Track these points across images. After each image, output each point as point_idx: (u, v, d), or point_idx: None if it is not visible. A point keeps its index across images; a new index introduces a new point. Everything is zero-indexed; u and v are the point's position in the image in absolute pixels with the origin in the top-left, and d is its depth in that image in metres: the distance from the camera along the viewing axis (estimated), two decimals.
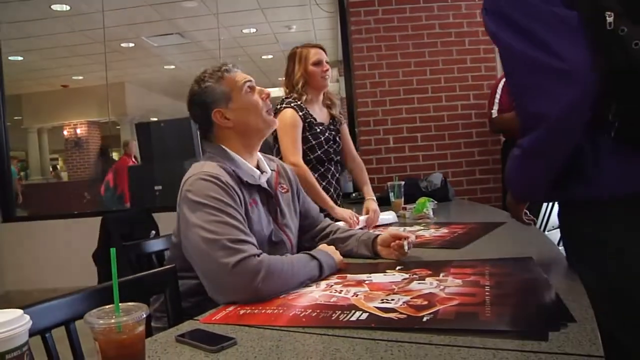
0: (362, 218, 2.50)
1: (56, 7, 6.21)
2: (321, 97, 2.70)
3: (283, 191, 1.73)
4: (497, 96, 3.56)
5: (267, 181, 1.66)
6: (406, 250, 1.64)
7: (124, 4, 6.22)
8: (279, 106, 2.55)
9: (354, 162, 2.85)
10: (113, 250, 0.86)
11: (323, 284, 1.40)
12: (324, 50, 2.68)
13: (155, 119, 9.78)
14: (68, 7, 6.27)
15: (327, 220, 1.95)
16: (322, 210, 2.44)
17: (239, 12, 6.71)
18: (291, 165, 2.36)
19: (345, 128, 2.83)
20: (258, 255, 1.32)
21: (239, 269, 1.28)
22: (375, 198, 2.69)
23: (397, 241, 1.66)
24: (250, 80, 1.63)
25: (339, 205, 2.61)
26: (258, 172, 1.62)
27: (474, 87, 4.14)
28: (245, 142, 1.62)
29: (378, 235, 1.73)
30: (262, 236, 1.54)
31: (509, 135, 3.69)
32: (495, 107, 3.56)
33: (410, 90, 4.13)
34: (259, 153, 1.71)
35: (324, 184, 2.61)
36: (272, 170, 1.71)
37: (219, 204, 1.39)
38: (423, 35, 4.14)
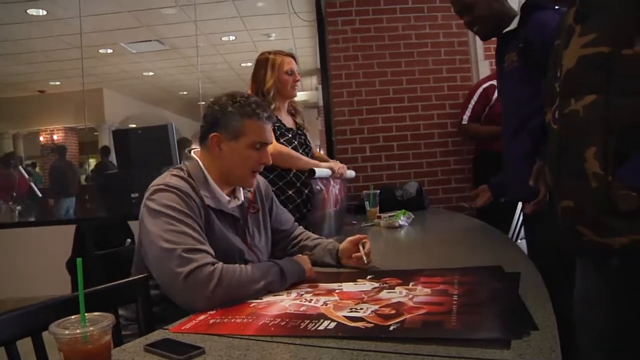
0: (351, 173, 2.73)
1: (32, 11, 6.13)
2: (286, 105, 2.71)
3: (253, 211, 1.74)
4: (472, 103, 3.61)
5: (241, 204, 1.68)
6: (365, 262, 1.67)
7: (102, 10, 6.17)
8: None
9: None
10: (79, 261, 0.86)
11: (294, 292, 1.41)
12: (295, 59, 2.69)
13: (134, 126, 9.73)
14: (44, 12, 6.20)
15: (300, 229, 1.96)
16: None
17: (218, 19, 6.70)
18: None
19: (308, 136, 2.86)
20: (213, 264, 1.35)
21: (191, 278, 1.31)
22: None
23: (355, 254, 1.69)
24: (265, 143, 1.62)
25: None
26: (227, 198, 1.63)
27: (450, 97, 4.17)
28: (221, 175, 1.62)
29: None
30: (230, 251, 1.57)
31: (479, 147, 3.78)
32: (468, 113, 3.63)
33: (386, 99, 4.15)
34: None
35: (306, 191, 2.60)
36: (249, 190, 1.73)
37: (177, 214, 1.42)
38: (399, 45, 4.17)
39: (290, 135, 2.61)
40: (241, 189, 1.70)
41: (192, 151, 1.66)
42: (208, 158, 1.61)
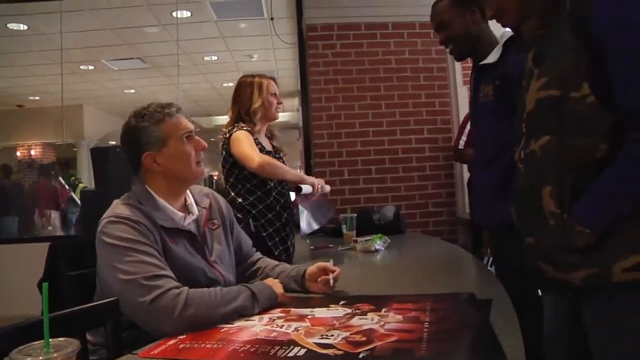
0: (327, 187, 2.72)
1: (12, 25, 6.10)
2: (265, 128, 2.71)
3: (213, 227, 1.73)
4: (467, 128, 3.60)
5: (197, 220, 1.67)
6: (332, 285, 1.67)
7: (84, 27, 6.15)
8: (228, 134, 2.52)
9: None
10: (45, 286, 0.85)
11: (266, 317, 1.40)
12: (277, 83, 2.71)
13: (114, 143, 9.65)
14: (25, 27, 6.17)
15: (258, 254, 1.96)
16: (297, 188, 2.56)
17: (201, 39, 6.72)
18: (255, 163, 2.38)
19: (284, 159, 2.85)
20: (177, 288, 1.35)
21: (155, 305, 1.31)
22: None
23: (323, 276, 1.69)
24: (190, 131, 1.64)
25: (292, 249, 2.64)
26: (180, 214, 1.63)
27: (428, 122, 4.23)
28: (171, 187, 1.63)
29: (306, 270, 1.75)
30: (191, 272, 1.55)
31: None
32: (464, 138, 3.61)
33: (365, 123, 4.19)
34: (191, 190, 1.73)
35: (284, 215, 2.60)
36: (203, 207, 1.72)
37: (131, 244, 1.42)
38: (379, 70, 4.22)
39: None
40: (194, 203, 1.70)
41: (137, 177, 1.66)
42: (152, 178, 1.61)
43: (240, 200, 2.52)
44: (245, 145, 2.46)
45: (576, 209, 1.14)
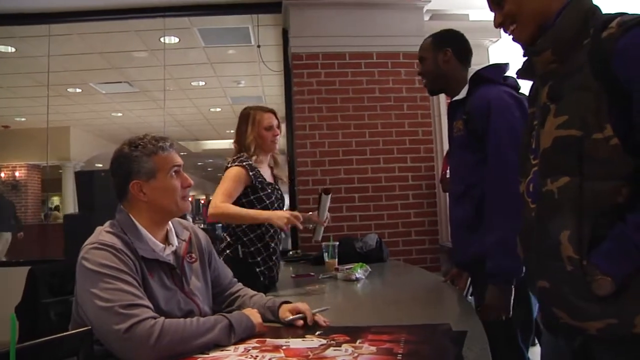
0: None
1: (0, 48, 6.12)
2: (268, 157, 2.78)
3: (191, 261, 1.75)
4: None
5: (176, 251, 1.69)
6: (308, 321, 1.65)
7: (72, 50, 6.17)
8: (229, 164, 2.59)
9: None
10: (13, 316, 0.85)
11: (241, 347, 1.40)
12: (276, 115, 2.77)
13: (101, 165, 9.63)
14: (13, 49, 6.19)
15: (239, 285, 1.96)
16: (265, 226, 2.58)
17: (188, 65, 6.77)
18: (211, 208, 2.47)
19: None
20: (154, 318, 1.36)
21: (130, 333, 1.32)
22: None
23: (292, 316, 1.67)
24: (179, 166, 1.68)
25: (276, 277, 2.68)
26: (161, 245, 1.64)
27: (411, 151, 4.28)
28: (154, 217, 1.65)
29: (283, 302, 1.75)
30: (167, 304, 1.56)
31: None
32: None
33: (349, 151, 4.23)
34: (172, 222, 1.74)
35: (272, 245, 2.64)
36: (182, 240, 1.74)
37: (112, 272, 1.43)
38: (363, 98, 4.28)
39: (269, 190, 2.66)
40: (174, 234, 1.72)
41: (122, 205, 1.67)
42: (136, 207, 1.64)
43: (233, 225, 2.59)
44: (224, 184, 2.52)
45: (596, 255, 1.10)
